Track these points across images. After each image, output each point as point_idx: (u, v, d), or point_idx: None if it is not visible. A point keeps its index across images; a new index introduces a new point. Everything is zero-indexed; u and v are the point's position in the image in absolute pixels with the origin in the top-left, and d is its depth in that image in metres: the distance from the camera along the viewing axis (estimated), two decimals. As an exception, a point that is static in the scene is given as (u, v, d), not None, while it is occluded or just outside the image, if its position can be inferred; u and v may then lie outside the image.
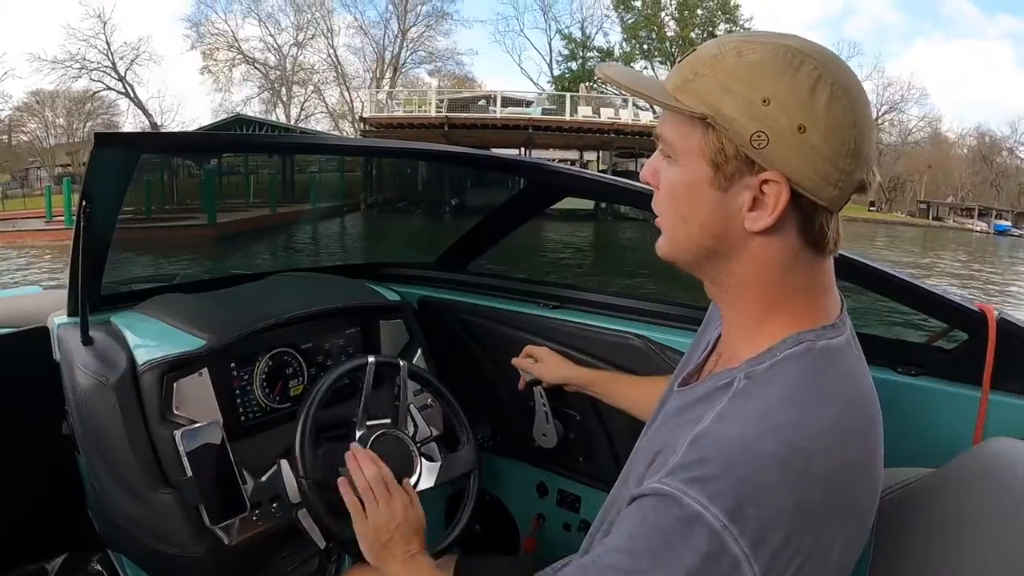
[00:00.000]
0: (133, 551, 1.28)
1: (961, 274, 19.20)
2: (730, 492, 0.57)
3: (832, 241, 0.66)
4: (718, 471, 0.58)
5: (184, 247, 12.10)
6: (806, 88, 0.60)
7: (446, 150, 1.79)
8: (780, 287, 0.68)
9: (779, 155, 0.61)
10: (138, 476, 1.11)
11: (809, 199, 0.63)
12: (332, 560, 1.54)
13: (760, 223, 0.64)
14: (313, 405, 1.15)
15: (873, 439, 0.66)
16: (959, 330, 1.10)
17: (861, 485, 0.64)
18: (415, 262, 1.86)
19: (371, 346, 1.48)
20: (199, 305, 1.34)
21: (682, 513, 0.57)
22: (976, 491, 0.72)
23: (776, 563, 0.58)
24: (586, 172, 1.52)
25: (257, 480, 1.18)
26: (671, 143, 0.67)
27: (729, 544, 0.56)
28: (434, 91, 28.31)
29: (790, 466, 0.58)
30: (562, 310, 1.52)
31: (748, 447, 0.59)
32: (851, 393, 0.66)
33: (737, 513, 0.56)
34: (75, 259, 1.17)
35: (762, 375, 0.65)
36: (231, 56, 39.13)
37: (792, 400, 0.62)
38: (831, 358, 0.66)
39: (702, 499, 0.57)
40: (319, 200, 18.07)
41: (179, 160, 15.58)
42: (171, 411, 1.16)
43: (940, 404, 1.08)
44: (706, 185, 0.65)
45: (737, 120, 0.61)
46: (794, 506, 0.58)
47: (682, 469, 0.60)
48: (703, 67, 0.64)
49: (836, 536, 0.61)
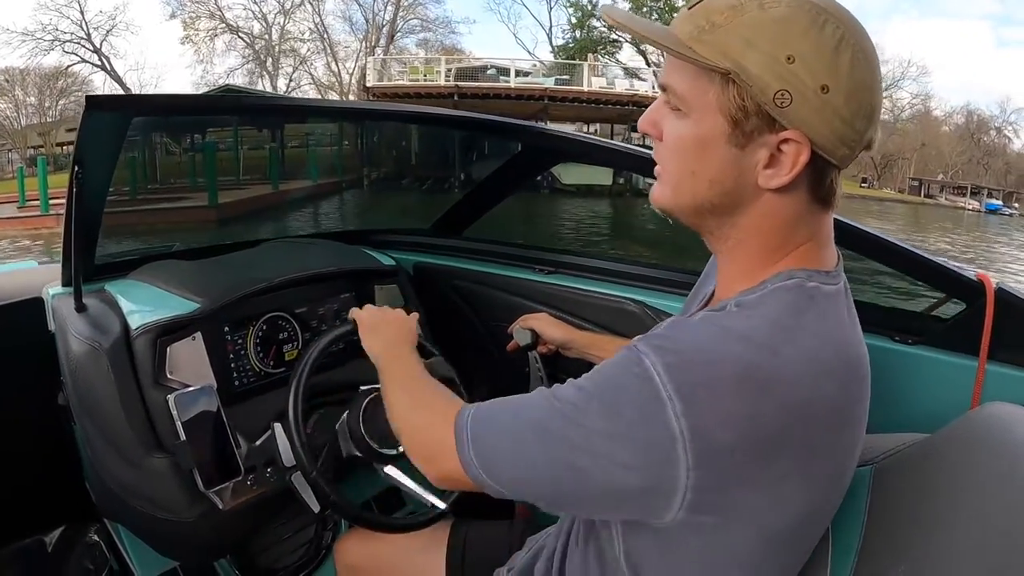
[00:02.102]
0: (128, 519, 1.29)
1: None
2: (687, 371, 0.58)
3: (837, 197, 0.66)
4: (683, 349, 0.60)
5: (184, 231, 11.53)
6: (830, 48, 0.59)
7: (437, 113, 1.77)
8: (783, 238, 0.67)
9: (801, 115, 0.60)
10: (132, 441, 1.11)
11: (824, 157, 0.62)
12: (328, 527, 1.55)
13: (775, 181, 0.63)
14: (306, 369, 1.14)
15: (852, 384, 0.65)
16: (957, 299, 1.09)
17: (829, 427, 0.62)
18: (410, 228, 1.85)
19: None
20: (193, 270, 1.33)
21: (638, 370, 0.59)
22: (971, 454, 0.72)
23: (713, 465, 0.58)
24: (580, 135, 1.50)
25: (251, 444, 1.18)
26: (682, 95, 0.64)
27: (669, 416, 0.57)
28: (443, 58, 27.20)
29: (753, 375, 0.58)
30: (557, 275, 1.51)
31: (718, 346, 0.60)
32: (834, 333, 0.65)
33: (686, 392, 0.57)
34: (68, 226, 1.15)
35: (749, 302, 0.65)
36: (213, 25, 36.78)
37: (773, 323, 0.62)
38: (820, 298, 0.66)
39: (658, 365, 0.58)
40: (319, 175, 17.14)
41: (164, 137, 14.95)
42: (164, 375, 1.15)
43: (937, 373, 1.08)
44: (722, 141, 0.63)
45: (761, 77, 0.59)
46: (747, 419, 0.58)
47: (655, 337, 0.62)
48: (720, 17, 0.61)
49: (787, 474, 0.60)
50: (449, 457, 0.73)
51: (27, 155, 29.85)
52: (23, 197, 16.99)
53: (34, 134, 31.80)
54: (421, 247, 1.75)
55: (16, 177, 18.36)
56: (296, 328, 1.37)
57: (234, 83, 34.64)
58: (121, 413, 1.11)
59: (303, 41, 38.13)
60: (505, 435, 0.70)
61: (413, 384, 0.92)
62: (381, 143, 19.45)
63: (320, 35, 37.64)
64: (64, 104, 32.70)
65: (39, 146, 30.94)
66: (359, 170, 18.28)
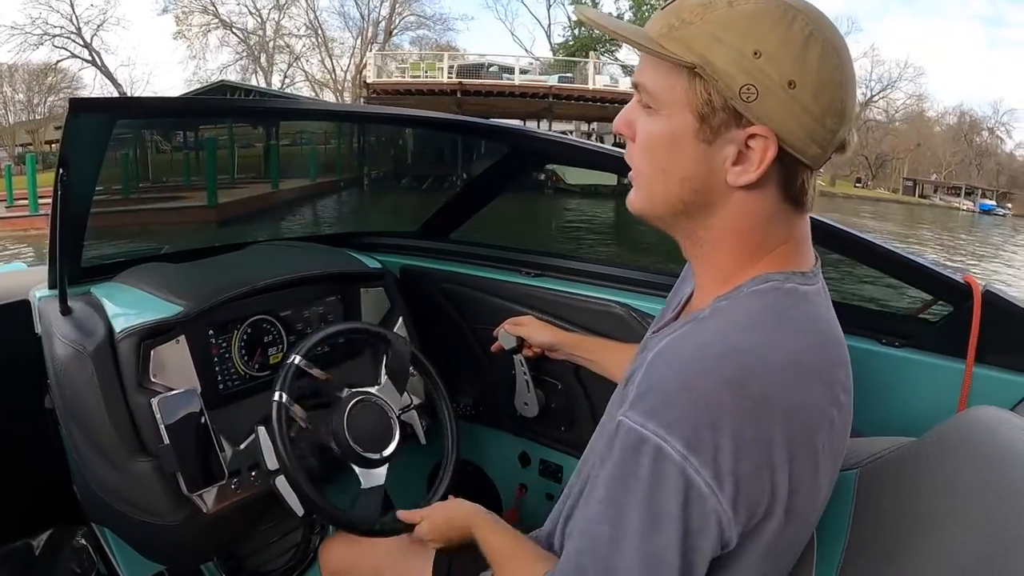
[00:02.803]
0: (114, 522, 1.28)
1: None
2: (686, 419, 0.57)
3: (811, 198, 0.66)
4: (672, 394, 0.59)
5: (184, 235, 10.65)
6: (798, 44, 0.59)
7: (424, 116, 1.76)
8: (757, 241, 0.67)
9: (768, 110, 0.60)
10: (116, 445, 1.11)
11: (793, 156, 0.62)
12: (316, 531, 1.55)
13: (744, 178, 0.63)
14: (290, 373, 1.14)
15: (837, 387, 0.65)
16: (944, 302, 1.09)
17: (821, 432, 0.62)
18: (397, 231, 1.84)
19: (352, 314, 1.46)
20: (177, 273, 1.32)
21: (648, 450, 0.58)
22: (957, 458, 0.72)
23: (744, 496, 0.57)
24: (566, 138, 1.50)
25: (235, 448, 1.18)
26: (652, 93, 0.65)
27: (693, 478, 0.56)
28: (446, 54, 26.80)
29: (747, 391, 0.58)
30: (544, 278, 1.51)
31: (704, 368, 0.59)
32: (816, 335, 0.65)
33: (694, 441, 0.56)
34: (53, 229, 1.15)
35: (724, 307, 0.65)
36: (206, 20, 35.86)
37: (754, 326, 0.62)
38: (798, 299, 0.65)
39: (660, 431, 0.58)
40: (318, 174, 16.50)
41: (155, 135, 14.02)
42: (148, 379, 1.14)
43: (924, 376, 1.08)
44: (690, 137, 0.63)
45: (727, 71, 0.59)
46: (754, 436, 0.57)
47: (639, 400, 0.61)
48: (690, 15, 0.61)
49: (799, 482, 0.60)
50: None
51: (15, 153, 28.86)
52: (11, 196, 15.99)
53: (22, 131, 31.14)
54: (407, 250, 1.75)
55: (3, 176, 17.10)
56: (281, 331, 1.37)
57: (228, 79, 33.69)
58: (105, 417, 1.10)
59: (298, 37, 37.55)
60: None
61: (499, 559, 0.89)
62: (380, 141, 18.93)
63: (314, 31, 37.10)
64: (53, 101, 32.07)
65: (27, 144, 30.15)
66: (358, 169, 17.96)
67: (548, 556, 0.83)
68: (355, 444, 1.14)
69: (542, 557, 0.82)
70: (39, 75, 32.51)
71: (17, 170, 19.97)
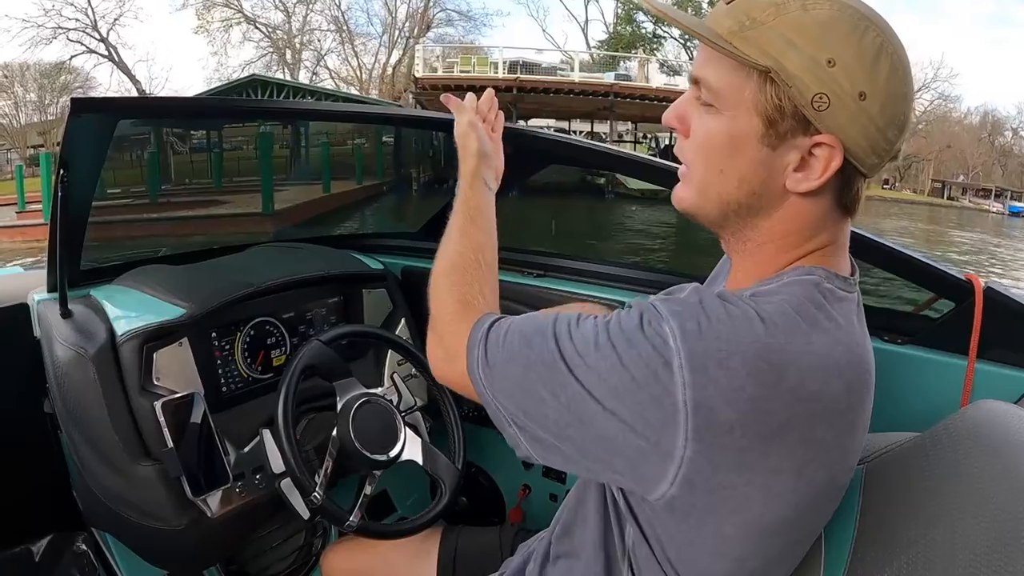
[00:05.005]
0: (116, 528, 1.27)
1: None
2: (703, 343, 0.57)
3: (860, 204, 0.66)
4: (702, 320, 0.58)
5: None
6: (871, 55, 0.58)
7: (426, 116, 1.76)
8: (802, 241, 0.66)
9: (837, 120, 0.59)
10: (118, 449, 1.10)
11: (854, 165, 0.61)
12: (318, 535, 1.54)
13: (804, 185, 0.62)
14: (295, 375, 1.13)
15: (858, 389, 0.64)
16: (946, 299, 1.10)
17: (830, 426, 0.61)
18: (399, 232, 1.84)
19: (354, 316, 1.46)
20: (179, 275, 1.32)
21: (655, 331, 0.58)
22: (963, 452, 0.72)
23: (711, 440, 0.56)
24: (569, 138, 1.49)
25: (240, 451, 1.17)
26: (716, 90, 0.63)
27: (676, 385, 0.56)
28: (499, 48, 25.95)
29: (768, 358, 0.57)
30: (546, 278, 1.51)
31: (738, 323, 0.58)
32: (847, 337, 0.64)
33: (698, 364, 0.56)
34: (53, 231, 1.14)
35: (767, 291, 0.64)
36: (229, 14, 34.47)
37: (793, 311, 0.61)
38: (836, 300, 0.65)
39: (676, 332, 0.57)
40: (363, 177, 15.66)
41: (191, 135, 13.38)
42: (151, 382, 1.13)
43: (927, 373, 1.08)
44: (754, 140, 0.62)
45: (800, 78, 0.58)
46: (754, 399, 0.56)
47: (675, 302, 0.60)
48: (761, 14, 0.60)
49: (782, 467, 0.59)
50: (459, 363, 0.73)
51: (27, 155, 28.58)
52: (22, 200, 15.05)
53: (34, 133, 30.57)
54: (409, 251, 1.75)
55: (15, 177, 16.30)
56: (284, 333, 1.36)
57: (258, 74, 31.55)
58: (107, 420, 1.09)
59: (325, 32, 36.22)
60: (516, 363, 0.67)
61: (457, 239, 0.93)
62: (418, 141, 17.56)
63: (340, 27, 35.82)
64: (65, 101, 30.19)
65: (39, 145, 29.49)
66: (399, 170, 17.26)
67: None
68: (361, 446, 1.14)
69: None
70: (51, 74, 31.63)
71: (29, 172, 19.21)
